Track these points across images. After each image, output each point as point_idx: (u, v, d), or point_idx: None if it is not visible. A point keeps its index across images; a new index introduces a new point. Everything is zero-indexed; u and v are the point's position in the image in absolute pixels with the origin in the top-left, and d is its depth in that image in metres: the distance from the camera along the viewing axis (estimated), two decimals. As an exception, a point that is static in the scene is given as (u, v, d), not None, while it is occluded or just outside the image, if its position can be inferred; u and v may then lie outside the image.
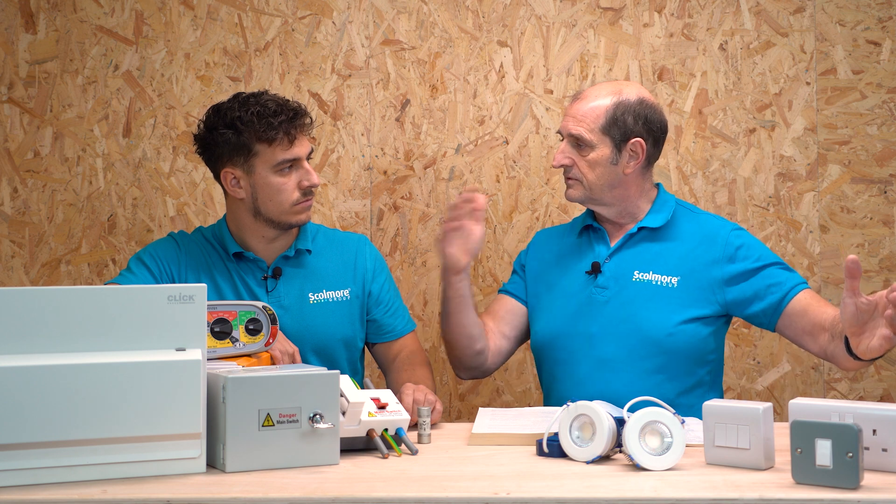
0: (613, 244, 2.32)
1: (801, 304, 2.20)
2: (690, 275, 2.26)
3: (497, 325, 2.39)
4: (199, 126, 2.33)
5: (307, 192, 2.30)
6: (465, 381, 2.86)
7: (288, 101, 2.30)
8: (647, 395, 1.88)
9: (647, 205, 2.34)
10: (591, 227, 2.37)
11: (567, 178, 2.31)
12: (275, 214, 2.30)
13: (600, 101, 2.26)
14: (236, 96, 2.31)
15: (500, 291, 2.46)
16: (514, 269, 2.47)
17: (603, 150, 2.26)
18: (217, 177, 2.33)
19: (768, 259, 2.26)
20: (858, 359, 1.97)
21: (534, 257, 2.43)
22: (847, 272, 1.82)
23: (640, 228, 2.31)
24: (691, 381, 2.26)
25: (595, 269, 2.30)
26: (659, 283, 2.25)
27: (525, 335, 2.43)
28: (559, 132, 2.32)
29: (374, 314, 2.42)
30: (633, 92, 2.28)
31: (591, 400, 1.79)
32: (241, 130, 2.24)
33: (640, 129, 2.26)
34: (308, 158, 2.31)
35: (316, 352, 2.33)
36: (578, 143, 2.27)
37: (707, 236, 2.30)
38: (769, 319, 2.24)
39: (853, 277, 1.82)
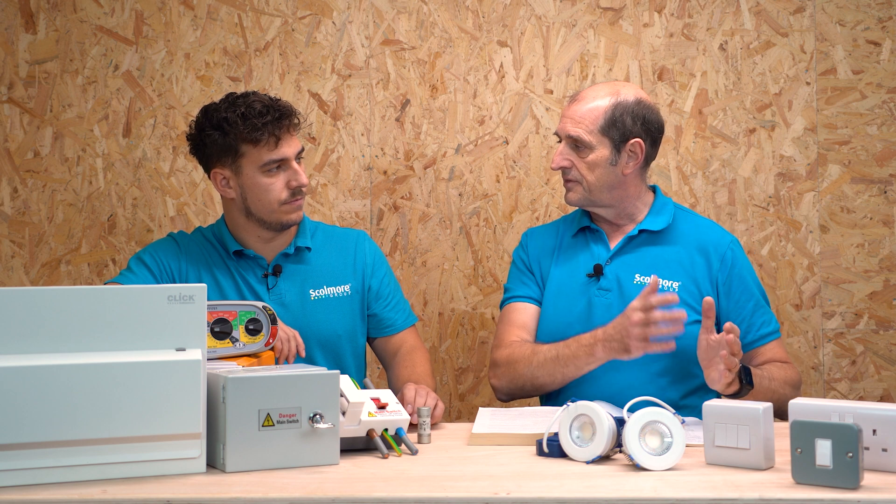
0: (613, 246, 2.32)
1: (763, 356, 2.29)
2: (691, 282, 2.27)
3: (533, 337, 2.35)
4: (190, 126, 2.33)
5: (296, 191, 2.29)
6: (467, 382, 2.86)
7: (277, 101, 2.28)
8: (652, 396, 1.86)
9: (645, 206, 2.34)
10: (588, 228, 2.36)
11: (566, 181, 2.31)
12: (265, 214, 2.29)
13: (598, 102, 2.27)
14: (227, 97, 2.31)
15: (515, 299, 2.38)
16: (518, 269, 2.41)
17: (602, 151, 2.26)
18: (209, 177, 2.34)
19: (754, 290, 2.30)
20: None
21: (533, 257, 2.42)
22: (703, 312, 1.97)
23: (641, 231, 2.31)
24: (695, 383, 2.26)
25: (597, 272, 2.29)
26: (660, 287, 2.25)
27: None
28: (556, 133, 2.32)
29: (374, 308, 2.42)
30: (630, 92, 2.29)
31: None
32: (228, 131, 2.24)
33: (638, 129, 2.27)
34: (299, 158, 2.30)
35: (321, 348, 2.33)
36: (577, 144, 2.27)
37: (707, 245, 2.30)
38: None
39: (707, 317, 1.97)
